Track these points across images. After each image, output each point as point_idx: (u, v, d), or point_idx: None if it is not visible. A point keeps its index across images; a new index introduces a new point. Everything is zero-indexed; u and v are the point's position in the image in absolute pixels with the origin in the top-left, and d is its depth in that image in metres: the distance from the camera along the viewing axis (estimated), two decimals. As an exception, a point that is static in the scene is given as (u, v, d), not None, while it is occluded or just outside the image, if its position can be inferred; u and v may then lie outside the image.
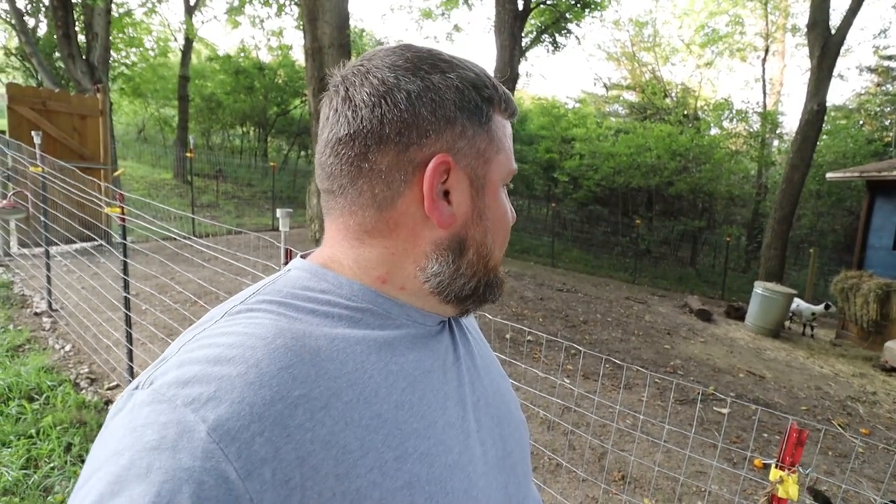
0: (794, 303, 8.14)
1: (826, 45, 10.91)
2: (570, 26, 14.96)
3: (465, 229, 0.58)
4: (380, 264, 0.57)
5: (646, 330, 7.18)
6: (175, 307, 4.93)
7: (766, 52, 20.78)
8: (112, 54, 14.85)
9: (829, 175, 9.93)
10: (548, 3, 13.28)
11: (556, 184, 18.51)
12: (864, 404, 5.26)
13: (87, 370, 3.88)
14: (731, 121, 19.45)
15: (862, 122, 18.77)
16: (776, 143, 20.26)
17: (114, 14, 13.39)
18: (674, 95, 21.25)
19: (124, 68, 18.30)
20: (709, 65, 22.23)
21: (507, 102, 0.61)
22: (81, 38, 11.25)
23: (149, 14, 17.37)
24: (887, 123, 17.89)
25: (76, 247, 6.67)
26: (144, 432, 0.39)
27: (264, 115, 20.62)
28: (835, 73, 11.54)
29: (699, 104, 20.75)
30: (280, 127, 21.84)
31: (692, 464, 3.50)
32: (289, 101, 20.66)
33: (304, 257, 0.62)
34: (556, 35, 15.05)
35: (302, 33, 8.57)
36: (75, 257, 6.29)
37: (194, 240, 4.05)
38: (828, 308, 8.11)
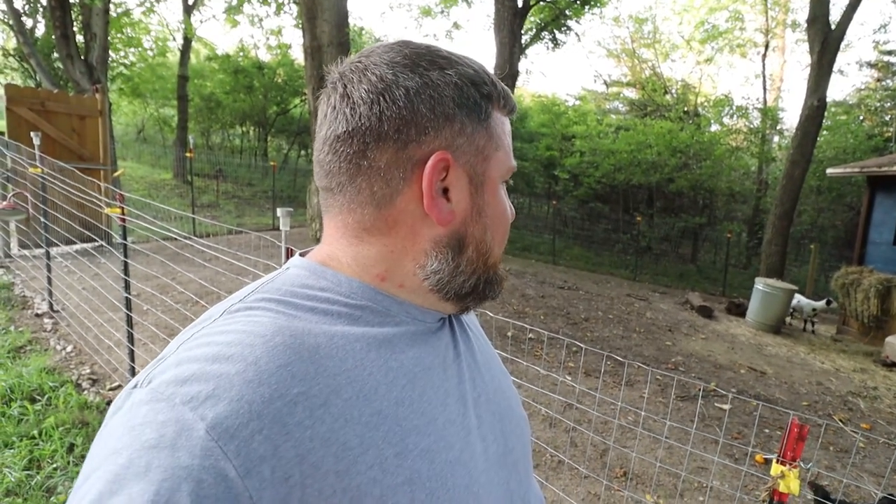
0: (794, 299, 8.14)
1: (826, 40, 10.89)
2: (569, 23, 14.92)
3: (465, 226, 0.58)
4: (379, 262, 0.57)
5: (647, 327, 7.18)
6: (176, 307, 4.94)
7: (766, 47, 20.74)
8: (110, 54, 14.86)
9: (829, 171, 9.92)
10: (547, -1, 13.27)
11: (557, 181, 18.52)
12: (864, 399, 5.26)
13: (88, 371, 3.88)
14: (731, 117, 19.45)
15: (862, 118, 18.74)
16: (776, 139, 20.25)
17: (112, 14, 13.38)
18: (674, 92, 21.22)
19: (123, 68, 18.31)
20: (709, 61, 22.21)
21: (506, 99, 0.60)
22: (80, 38, 11.24)
23: (147, 14, 17.36)
24: (887, 119, 17.87)
25: (76, 248, 6.67)
26: (143, 431, 0.39)
27: (264, 115, 20.64)
28: (835, 68, 11.52)
29: (699, 100, 20.74)
30: (280, 126, 21.86)
31: (694, 460, 3.51)
32: (288, 100, 20.67)
33: (303, 255, 0.62)
34: (556, 32, 15.01)
35: (301, 32, 8.56)
36: (76, 258, 6.29)
37: (195, 240, 4.05)
38: (829, 304, 8.10)
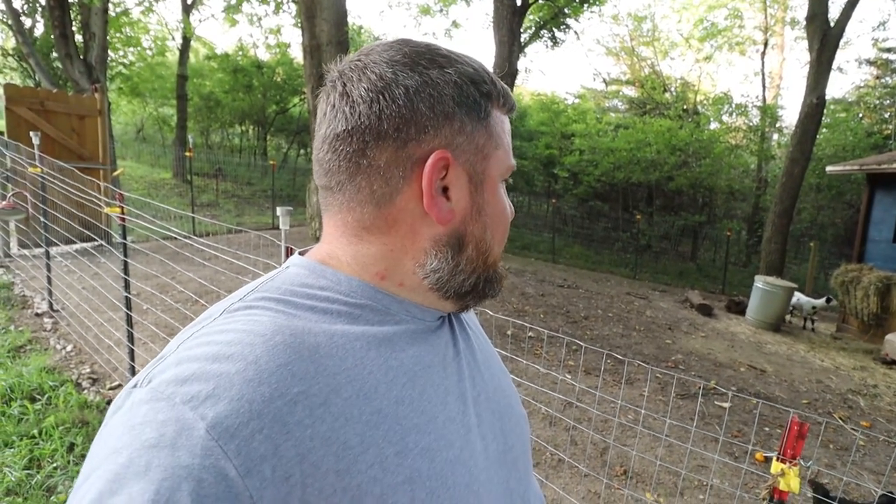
0: (794, 297, 8.14)
1: (825, 37, 10.88)
2: (568, 21, 14.93)
3: (464, 225, 0.58)
4: (378, 261, 0.57)
5: (647, 325, 7.18)
6: (176, 306, 4.93)
7: (765, 45, 20.73)
8: (110, 54, 14.86)
9: (828, 168, 9.92)
10: (546, -2, 13.26)
11: (556, 180, 18.51)
12: (864, 397, 5.26)
13: (88, 370, 3.89)
14: (730, 115, 19.45)
15: (861, 115, 18.73)
16: (776, 136, 20.25)
17: (111, 13, 13.39)
18: (673, 90, 21.22)
19: (122, 68, 18.31)
20: (708, 59, 22.20)
21: (506, 98, 0.60)
22: (79, 37, 11.24)
23: (146, 13, 17.37)
24: (887, 116, 17.84)
25: (76, 247, 6.67)
26: (143, 430, 0.39)
27: (263, 114, 20.64)
28: (834, 65, 11.51)
29: (698, 98, 20.73)
30: (279, 125, 21.86)
31: (694, 458, 3.51)
32: (287, 100, 20.66)
33: (303, 254, 0.62)
34: (555, 30, 15.01)
35: (300, 31, 8.56)
36: (75, 257, 6.29)
37: (195, 239, 4.04)
38: (829, 302, 8.10)
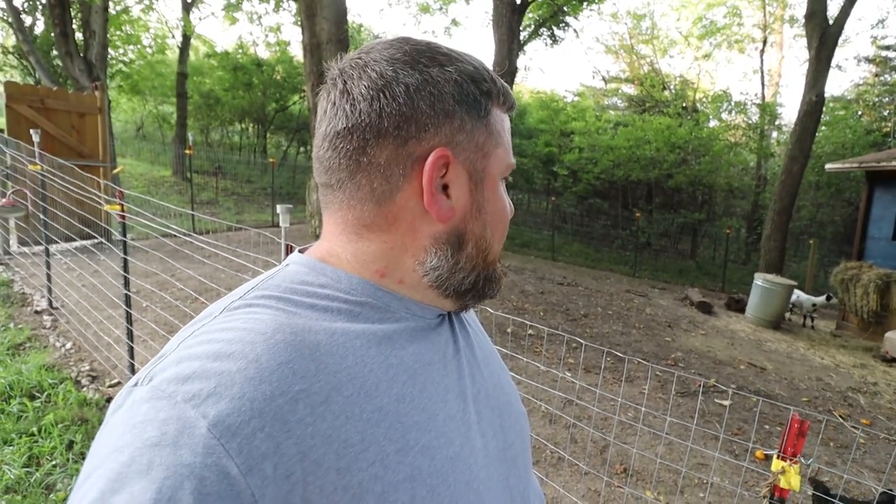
0: (794, 294, 8.15)
1: (824, 35, 10.88)
2: (567, 19, 14.93)
3: (464, 223, 0.58)
4: (378, 258, 0.57)
5: (646, 323, 7.18)
6: (176, 304, 4.93)
7: (765, 43, 20.72)
8: (110, 52, 14.84)
9: (828, 166, 9.91)
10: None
11: (556, 177, 18.49)
12: (864, 395, 5.27)
13: (88, 368, 3.89)
14: (729, 113, 19.46)
15: (860, 113, 18.71)
16: (775, 134, 20.25)
17: (111, 11, 13.36)
18: (672, 88, 21.20)
19: (122, 66, 18.30)
20: (707, 57, 22.18)
21: (506, 96, 0.60)
22: (79, 35, 11.21)
23: (146, 11, 17.34)
24: (886, 114, 17.83)
25: (76, 244, 6.66)
26: (145, 429, 0.39)
27: (263, 112, 20.62)
28: (833, 63, 11.52)
29: (698, 96, 20.71)
30: (279, 123, 21.85)
31: (694, 456, 3.51)
32: (287, 98, 20.65)
33: (303, 252, 0.62)
34: (554, 28, 15.02)
35: (300, 29, 8.55)
36: (75, 255, 6.29)
37: (194, 236, 4.04)
38: (829, 300, 8.10)
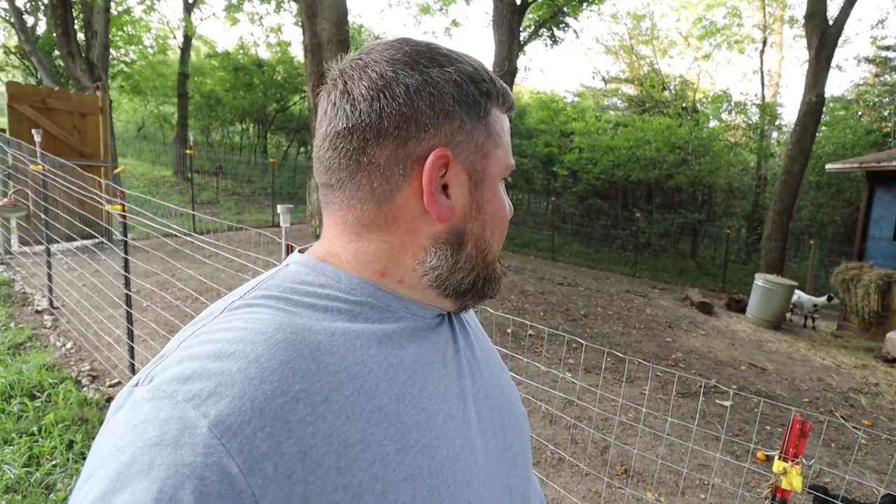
0: (795, 295, 8.14)
1: (824, 35, 10.88)
2: (567, 20, 14.92)
3: (464, 223, 0.58)
4: (378, 258, 0.57)
5: (647, 323, 7.18)
6: (176, 304, 4.93)
7: (764, 43, 20.72)
8: (111, 52, 14.84)
9: (828, 166, 9.92)
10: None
11: (556, 178, 18.50)
12: (866, 395, 5.26)
13: (88, 367, 3.89)
14: (729, 113, 19.47)
15: (860, 113, 18.71)
16: (775, 134, 20.26)
17: (113, 12, 13.38)
18: (672, 88, 21.21)
19: (124, 66, 18.32)
20: (707, 57, 22.19)
21: (505, 96, 0.61)
22: (81, 36, 11.23)
23: (147, 12, 17.34)
24: (886, 114, 17.84)
25: (77, 244, 6.67)
26: (145, 429, 0.39)
27: (263, 112, 20.62)
28: (833, 63, 11.52)
29: (698, 96, 20.72)
30: (279, 123, 21.85)
31: (695, 457, 3.51)
32: (288, 98, 20.66)
33: (303, 252, 0.62)
34: (554, 29, 15.01)
35: (301, 30, 8.55)
36: (76, 255, 6.29)
37: (195, 236, 4.04)
38: (830, 300, 8.10)
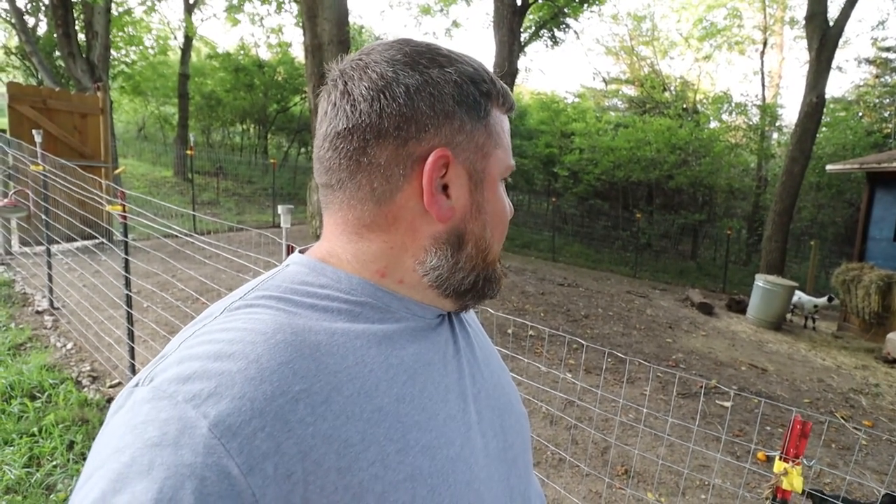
0: (795, 295, 8.14)
1: (824, 37, 10.87)
2: (568, 21, 14.92)
3: (464, 223, 0.58)
4: (379, 258, 0.57)
5: (647, 324, 7.17)
6: (177, 304, 4.94)
7: (765, 44, 20.73)
8: (112, 53, 14.84)
9: (828, 167, 9.92)
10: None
11: (556, 178, 18.49)
12: (866, 396, 5.26)
13: (88, 368, 3.89)
14: (730, 114, 19.46)
15: (861, 114, 18.71)
16: (775, 135, 20.25)
17: (113, 13, 13.39)
18: (673, 89, 21.21)
19: (124, 66, 18.32)
20: (707, 58, 22.21)
21: (505, 97, 0.61)
22: (81, 36, 11.23)
23: (148, 12, 17.38)
24: (886, 115, 17.83)
25: (77, 245, 6.67)
26: (146, 429, 0.39)
27: (264, 113, 20.64)
28: (833, 65, 11.51)
29: (698, 97, 20.73)
30: (280, 124, 21.86)
31: (696, 457, 3.51)
32: (288, 98, 20.67)
33: (303, 252, 0.62)
34: (555, 30, 15.00)
35: (301, 30, 8.56)
36: (77, 255, 6.29)
37: (195, 237, 4.05)
38: (830, 301, 8.10)
